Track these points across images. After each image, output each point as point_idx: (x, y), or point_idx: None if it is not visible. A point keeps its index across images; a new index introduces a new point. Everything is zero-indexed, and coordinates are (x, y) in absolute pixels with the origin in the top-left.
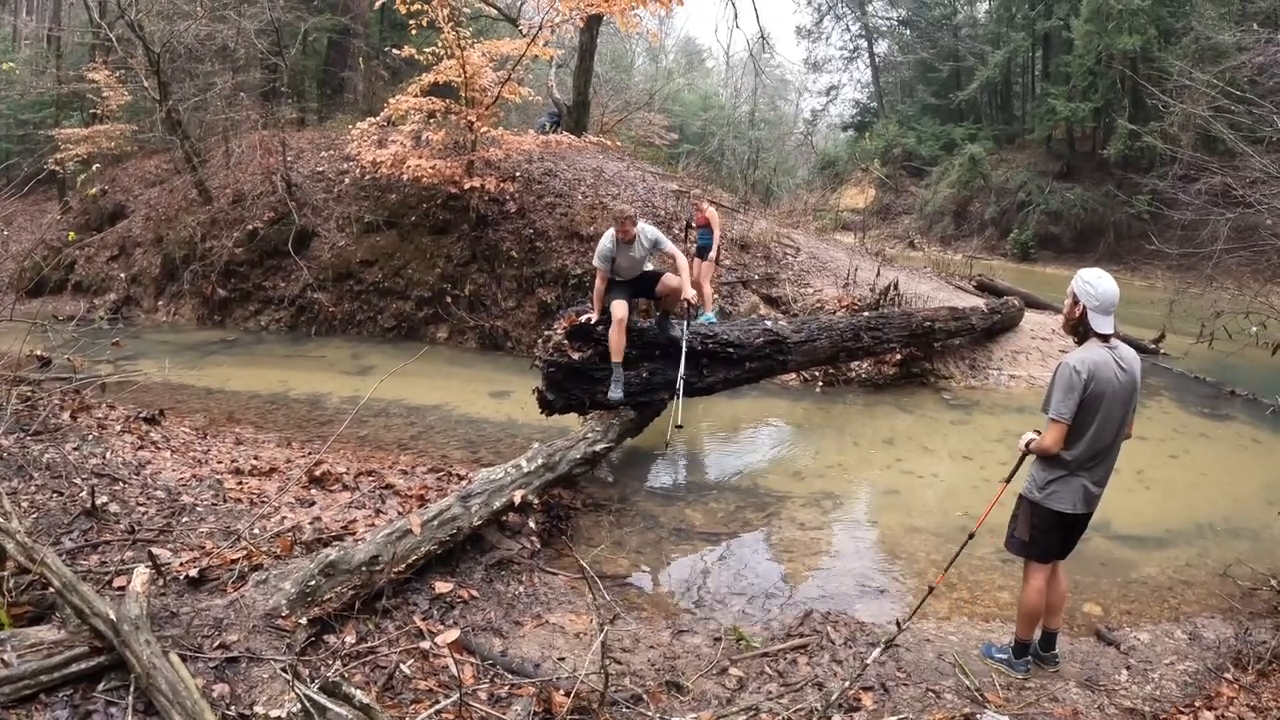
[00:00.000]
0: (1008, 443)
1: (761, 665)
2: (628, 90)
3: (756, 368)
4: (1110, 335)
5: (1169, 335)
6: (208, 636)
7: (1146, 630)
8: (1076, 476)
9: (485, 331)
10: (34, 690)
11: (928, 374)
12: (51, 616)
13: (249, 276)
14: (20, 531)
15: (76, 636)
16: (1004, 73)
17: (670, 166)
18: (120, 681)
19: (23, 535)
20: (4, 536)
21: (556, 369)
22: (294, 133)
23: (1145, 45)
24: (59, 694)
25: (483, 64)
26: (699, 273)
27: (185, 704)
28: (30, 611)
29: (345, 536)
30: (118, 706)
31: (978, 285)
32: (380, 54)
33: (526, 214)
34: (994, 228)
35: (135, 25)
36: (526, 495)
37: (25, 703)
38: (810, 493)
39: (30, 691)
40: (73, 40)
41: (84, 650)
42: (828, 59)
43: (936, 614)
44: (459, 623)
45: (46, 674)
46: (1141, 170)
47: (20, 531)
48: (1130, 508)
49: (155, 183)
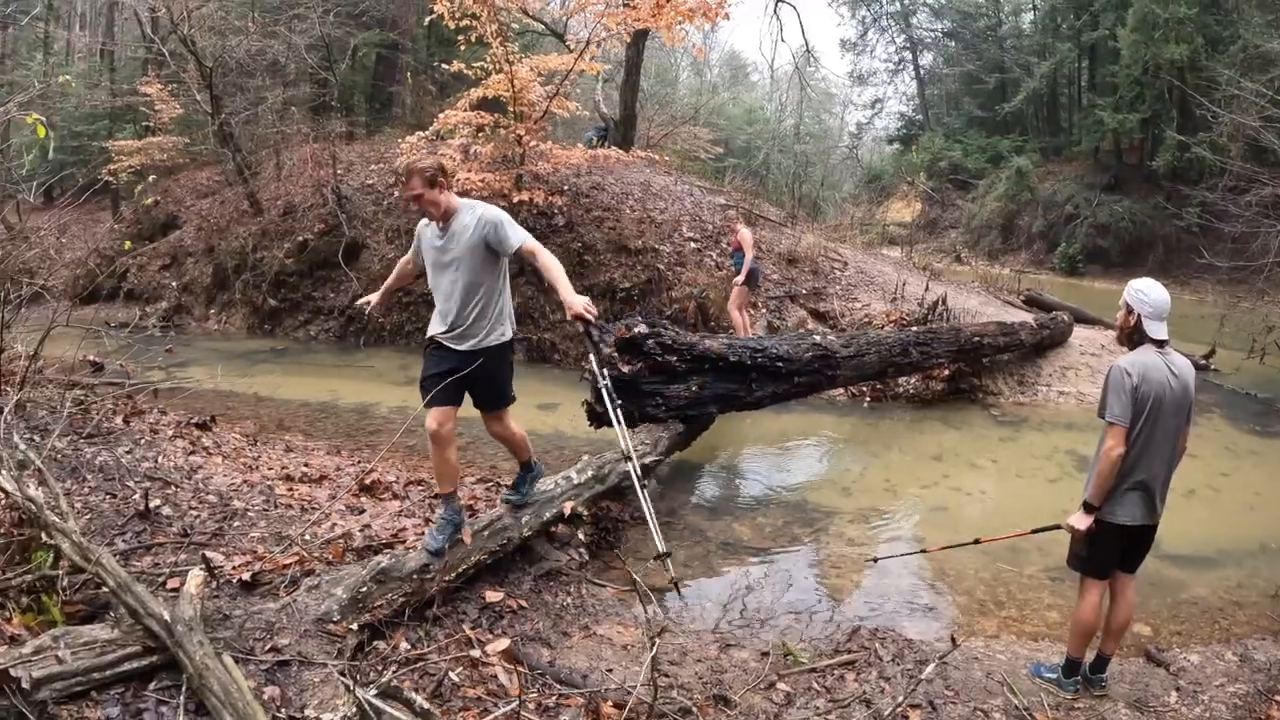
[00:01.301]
0: (1056, 460)
1: (809, 681)
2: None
3: (805, 382)
4: (1165, 341)
5: (1219, 351)
6: (259, 639)
7: (1196, 652)
8: (1134, 486)
9: (533, 344)
10: (86, 687)
11: (976, 390)
12: (104, 615)
13: (299, 287)
14: (75, 531)
15: (129, 636)
16: (1050, 84)
17: (717, 180)
18: (172, 681)
19: (78, 535)
20: (60, 536)
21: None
22: (343, 146)
23: (1192, 54)
24: (110, 691)
25: (531, 79)
26: (731, 298)
27: (237, 705)
28: (83, 610)
29: (395, 544)
30: (169, 706)
31: (1026, 300)
32: (428, 69)
33: (575, 227)
34: (1041, 241)
35: (188, 40)
36: (576, 507)
37: (77, 699)
38: (858, 509)
39: (82, 688)
40: (125, 55)
41: (136, 649)
42: (872, 72)
43: (985, 632)
44: (508, 632)
45: (99, 671)
46: (1190, 182)
47: (75, 531)
48: (1181, 527)
49: (207, 194)
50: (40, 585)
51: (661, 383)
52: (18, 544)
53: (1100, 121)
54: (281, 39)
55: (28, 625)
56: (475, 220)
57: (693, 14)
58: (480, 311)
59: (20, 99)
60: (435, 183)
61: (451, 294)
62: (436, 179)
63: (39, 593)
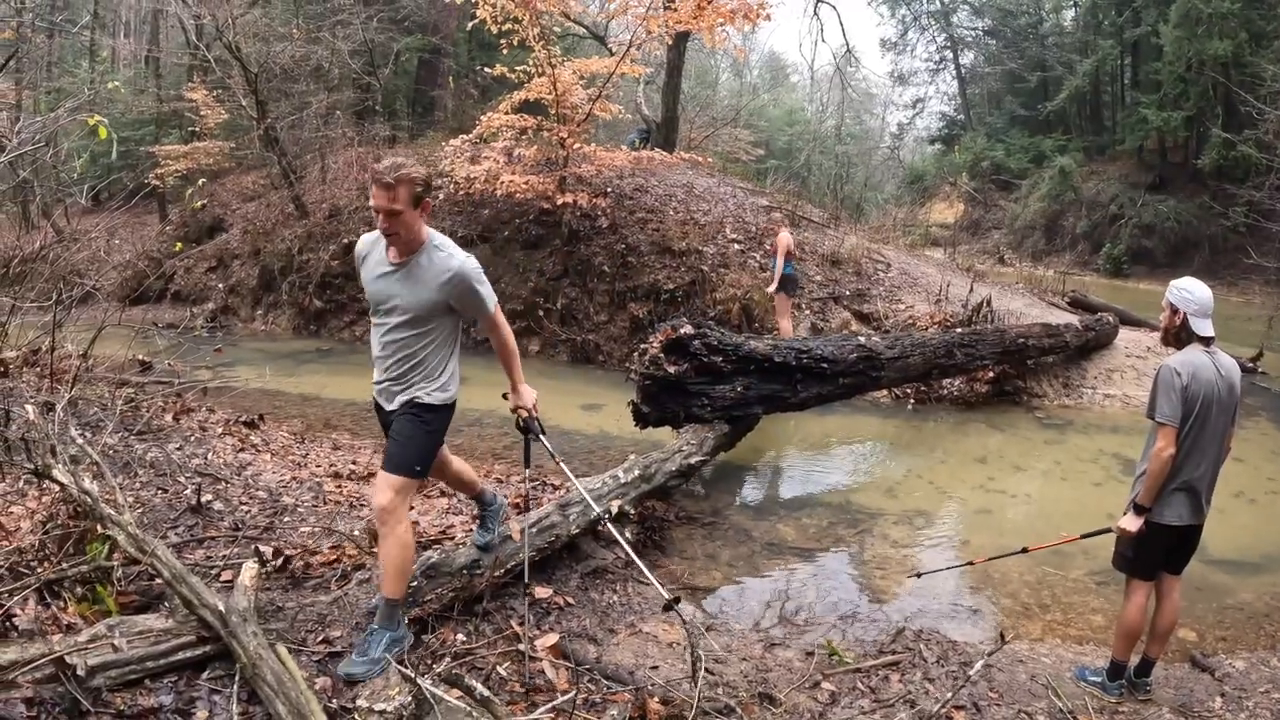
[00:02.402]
0: (1101, 463)
1: (854, 681)
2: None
3: (849, 383)
4: (1211, 339)
5: (1267, 353)
6: (311, 631)
7: (1242, 658)
8: (1181, 486)
9: (577, 345)
10: (140, 675)
11: (1020, 392)
12: (159, 606)
13: (344, 289)
14: (130, 524)
15: (183, 626)
16: (1093, 82)
17: (759, 182)
18: (224, 671)
19: (133, 528)
20: (115, 528)
21: (652, 382)
22: (387, 150)
23: (1237, 50)
24: (164, 680)
25: (573, 81)
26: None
27: (290, 694)
28: (136, 601)
29: (443, 540)
30: (221, 695)
31: (1071, 301)
32: (470, 73)
33: (618, 229)
34: (1086, 242)
35: (233, 47)
36: (623, 505)
37: (131, 687)
38: (902, 510)
39: (136, 676)
40: (170, 61)
41: (190, 639)
42: (913, 71)
43: (1029, 635)
44: (555, 628)
45: (153, 660)
46: (1237, 180)
47: (130, 524)
48: (1227, 532)
49: (252, 197)
50: (95, 576)
51: (707, 383)
52: (74, 536)
53: (1144, 119)
54: (325, 44)
55: (83, 615)
56: (444, 272)
57: (733, 15)
58: (418, 364)
59: (70, 105)
60: (420, 202)
61: (387, 341)
62: (423, 198)
63: (94, 583)
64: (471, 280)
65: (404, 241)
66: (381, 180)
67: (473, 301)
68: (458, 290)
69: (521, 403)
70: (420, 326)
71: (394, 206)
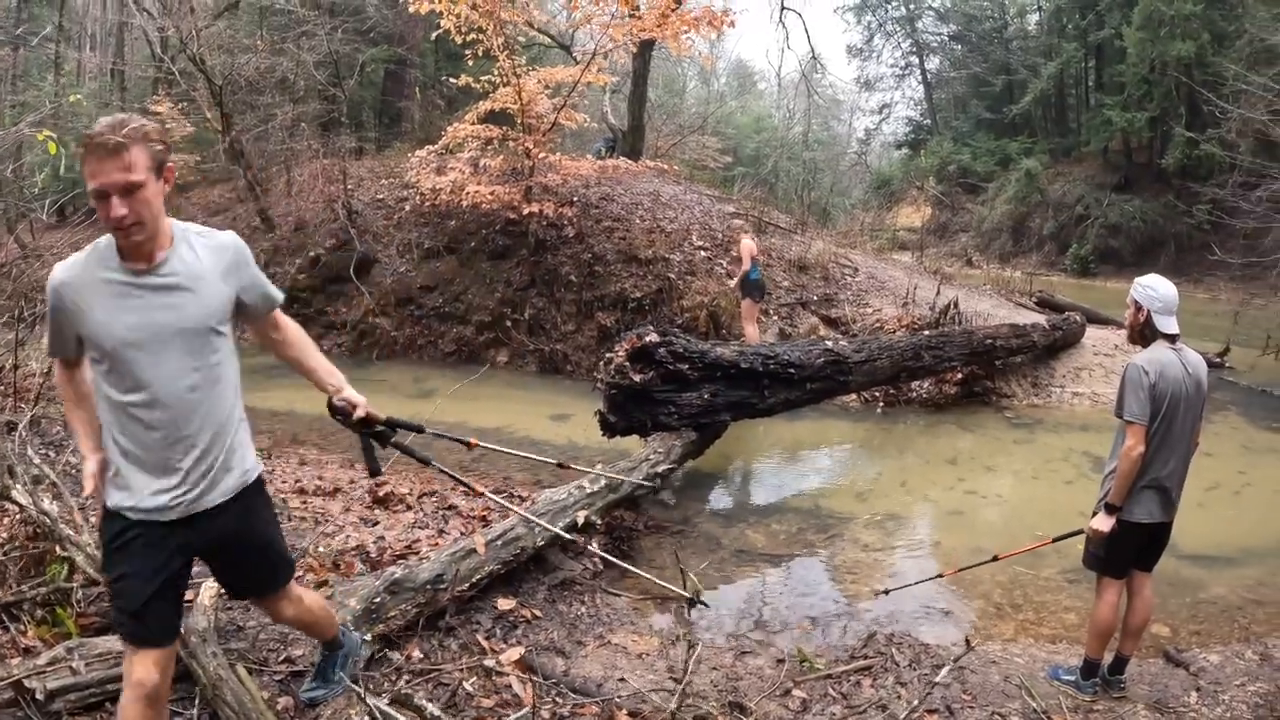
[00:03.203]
0: (1072, 461)
1: (825, 687)
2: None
3: (818, 388)
4: (1176, 336)
5: (1234, 348)
6: (273, 650)
7: (1216, 651)
8: (1150, 483)
9: (545, 355)
10: (100, 698)
11: (989, 393)
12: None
13: (312, 302)
14: (90, 545)
15: None
16: (1057, 84)
17: (726, 189)
18: (184, 693)
19: (93, 548)
20: (75, 549)
21: (618, 391)
22: (353, 161)
23: (1199, 51)
24: None
25: (538, 91)
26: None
27: (250, 716)
28: (97, 623)
29: (409, 555)
30: (182, 717)
31: (1038, 302)
32: (436, 83)
33: (585, 238)
34: (1053, 243)
35: (197, 59)
36: (590, 515)
37: (91, 710)
38: (873, 514)
39: (96, 699)
40: (135, 74)
41: None
42: (879, 77)
43: (1002, 636)
44: (522, 642)
45: (113, 683)
46: (1201, 179)
47: (90, 545)
48: (1198, 526)
49: (219, 211)
50: (55, 598)
51: (674, 391)
52: (32, 557)
53: (1108, 121)
54: (290, 56)
55: (42, 637)
56: (221, 250)
57: (698, 23)
58: (231, 409)
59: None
60: (164, 169)
61: (177, 400)
62: (166, 161)
63: (53, 605)
64: (245, 248)
65: (151, 234)
66: (105, 144)
67: (259, 282)
68: (244, 270)
69: (355, 398)
70: (215, 351)
71: (132, 178)
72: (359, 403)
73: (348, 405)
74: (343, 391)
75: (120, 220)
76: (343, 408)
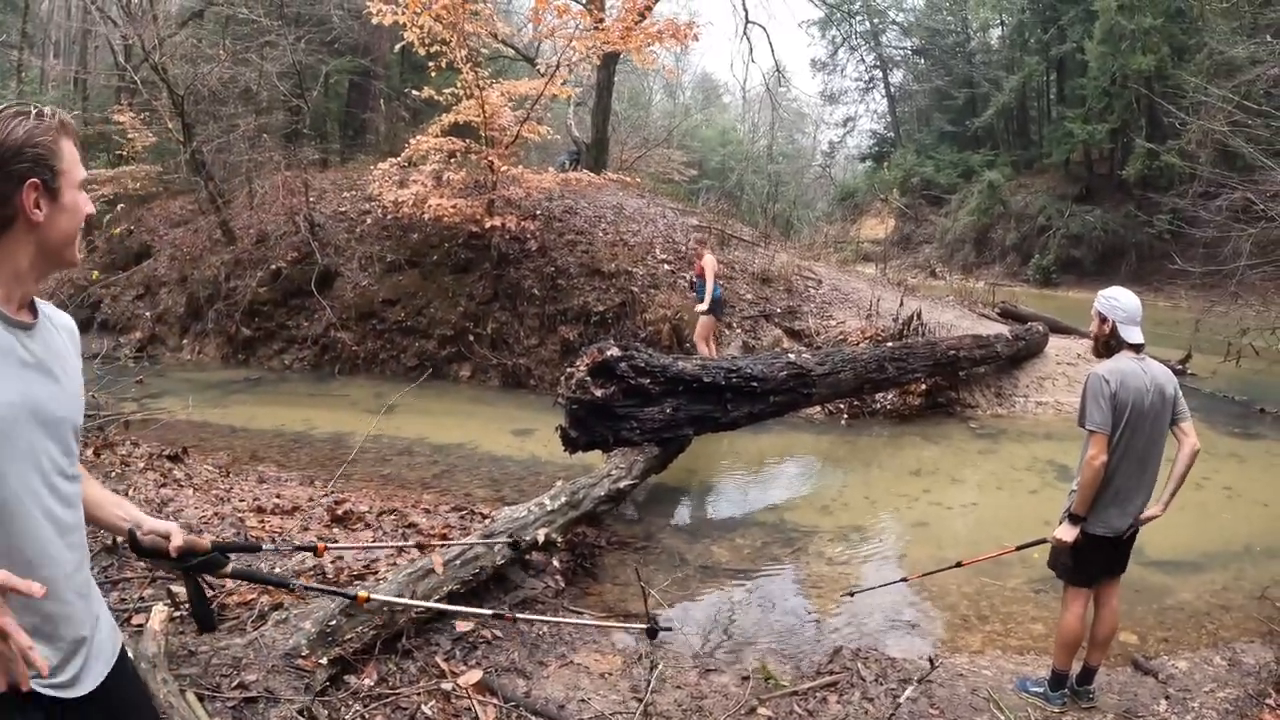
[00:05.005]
0: (1036, 470)
1: (791, 704)
2: (646, 127)
3: (781, 401)
4: (1142, 346)
5: (1195, 355)
6: (226, 676)
7: (1184, 658)
8: (1115, 493)
9: (508, 369)
10: None
11: (954, 404)
12: None
13: (273, 316)
14: None
15: None
16: (1019, 98)
17: (690, 202)
18: None
19: None
20: None
21: (580, 406)
22: (316, 173)
23: (1159, 64)
24: None
25: (502, 104)
26: (697, 330)
27: None
28: None
29: (367, 576)
30: None
31: (1001, 312)
32: (400, 95)
33: (548, 252)
34: (1015, 254)
35: (160, 69)
36: (550, 533)
37: None
38: (838, 527)
39: None
40: (98, 83)
41: None
42: (843, 91)
43: (969, 648)
44: (482, 663)
45: None
46: (1161, 189)
47: None
48: (1163, 533)
49: (180, 223)
50: None
51: (636, 406)
52: None
53: (1070, 133)
54: (253, 66)
55: None
56: (67, 323)
57: (661, 36)
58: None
59: None
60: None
61: (72, 523)
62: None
63: None
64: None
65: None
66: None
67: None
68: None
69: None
70: (76, 451)
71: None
72: (171, 531)
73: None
74: (143, 525)
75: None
76: (152, 546)
